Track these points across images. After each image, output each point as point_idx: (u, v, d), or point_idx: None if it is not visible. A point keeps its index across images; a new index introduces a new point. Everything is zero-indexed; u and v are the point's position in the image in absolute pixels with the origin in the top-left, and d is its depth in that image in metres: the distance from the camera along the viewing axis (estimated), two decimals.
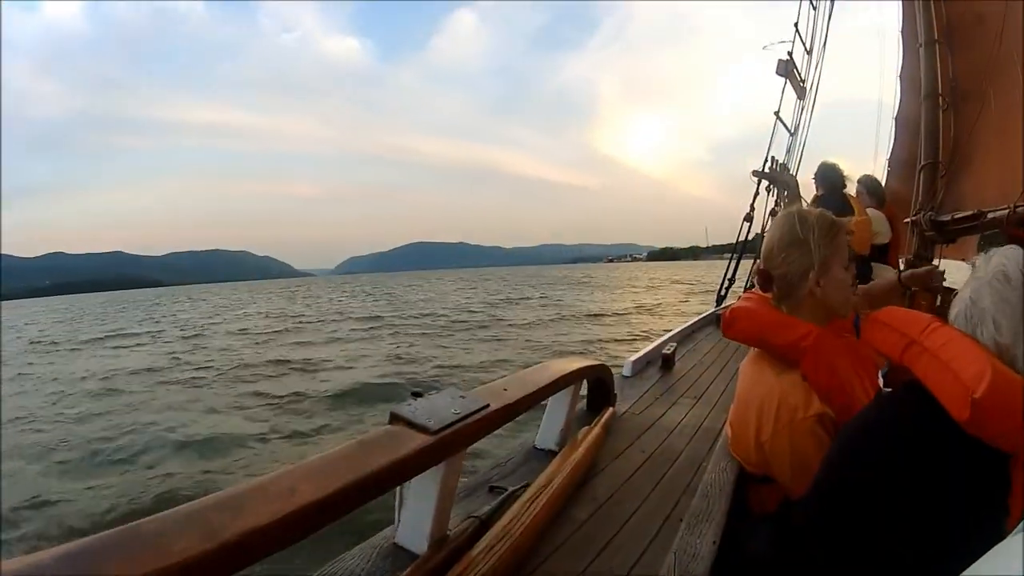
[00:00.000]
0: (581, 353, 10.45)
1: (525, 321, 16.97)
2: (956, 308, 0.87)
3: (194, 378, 10.06)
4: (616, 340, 12.08)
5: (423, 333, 15.42)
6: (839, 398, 1.06)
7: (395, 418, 1.16)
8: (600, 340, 12.21)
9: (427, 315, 21.82)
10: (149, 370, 11.30)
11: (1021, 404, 0.70)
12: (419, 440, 1.09)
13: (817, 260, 1.13)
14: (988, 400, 0.70)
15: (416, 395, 1.28)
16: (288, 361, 11.16)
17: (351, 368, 10.08)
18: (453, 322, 18.00)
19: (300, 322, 21.73)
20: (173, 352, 14.17)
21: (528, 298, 29.58)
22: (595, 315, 18.03)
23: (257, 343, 15.36)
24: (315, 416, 6.84)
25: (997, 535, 0.67)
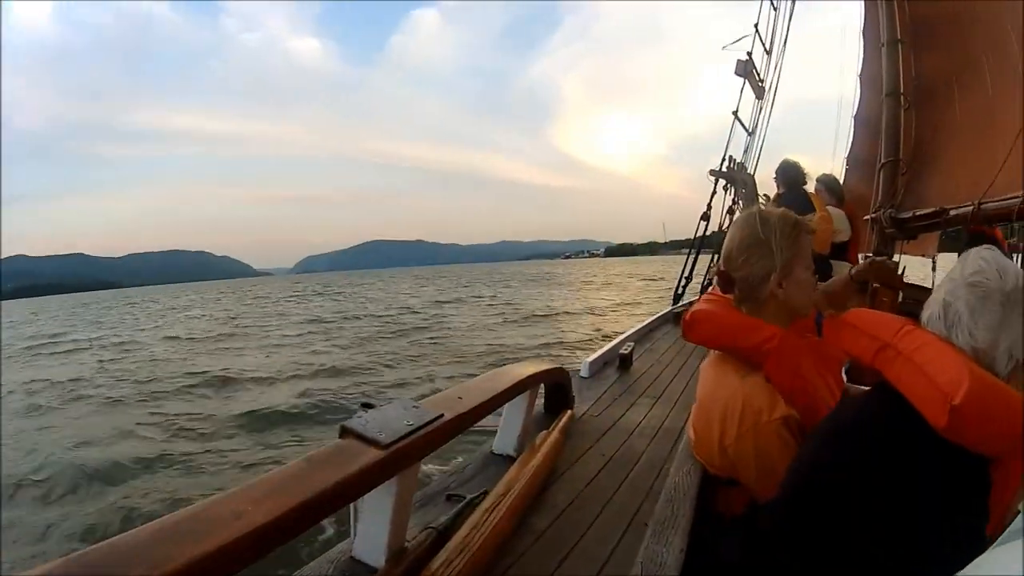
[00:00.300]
0: (535, 356, 10.59)
1: (466, 324, 17.27)
2: (930, 310, 0.89)
3: (110, 391, 9.96)
4: (563, 342, 12.35)
5: (358, 336, 15.49)
6: (802, 399, 1.09)
7: (345, 432, 1.15)
8: (548, 343, 12.41)
9: (368, 315, 22.12)
10: (75, 380, 11.36)
11: (1001, 409, 0.72)
12: (371, 455, 1.09)
13: (779, 262, 1.16)
14: (967, 407, 0.71)
15: (367, 406, 1.28)
16: (205, 372, 11.02)
17: (271, 381, 10.00)
18: (403, 325, 18.05)
19: (237, 326, 22.07)
20: (102, 360, 14.30)
21: (480, 296, 30.04)
22: (546, 316, 18.30)
23: (187, 350, 15.46)
24: (214, 438, 6.80)
25: (976, 537, 0.73)
